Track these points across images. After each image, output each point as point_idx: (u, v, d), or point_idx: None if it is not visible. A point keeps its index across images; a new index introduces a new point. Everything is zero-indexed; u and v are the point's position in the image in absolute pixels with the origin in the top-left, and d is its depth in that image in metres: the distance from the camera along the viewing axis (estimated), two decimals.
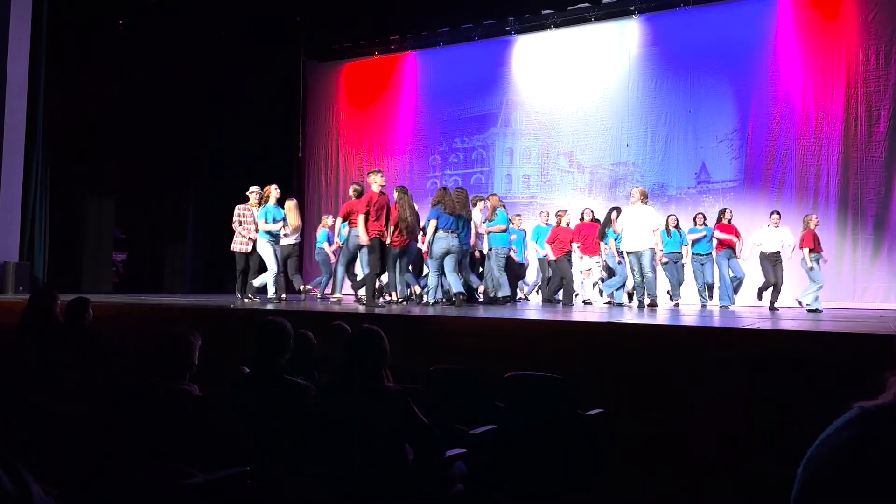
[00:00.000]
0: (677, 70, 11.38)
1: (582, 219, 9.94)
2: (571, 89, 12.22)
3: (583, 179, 12.07)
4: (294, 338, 3.33)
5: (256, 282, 8.87)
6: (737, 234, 9.25)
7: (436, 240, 8.22)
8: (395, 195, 8.49)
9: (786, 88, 10.60)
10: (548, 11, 12.37)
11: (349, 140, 14.35)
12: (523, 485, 3.41)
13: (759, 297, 9.00)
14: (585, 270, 9.85)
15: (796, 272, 8.93)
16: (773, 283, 8.78)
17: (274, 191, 8.82)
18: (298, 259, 9.48)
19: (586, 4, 12.04)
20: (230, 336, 4.95)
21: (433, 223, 8.27)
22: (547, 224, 10.27)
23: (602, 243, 9.46)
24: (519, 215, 10.69)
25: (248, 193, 8.90)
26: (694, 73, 11.23)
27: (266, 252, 8.69)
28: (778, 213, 9.03)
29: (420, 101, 13.68)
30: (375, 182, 8.09)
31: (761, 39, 10.84)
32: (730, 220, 9.28)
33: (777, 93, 10.67)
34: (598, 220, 9.77)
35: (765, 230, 9.00)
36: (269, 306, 7.46)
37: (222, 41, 12.71)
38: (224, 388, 3.20)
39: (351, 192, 9.02)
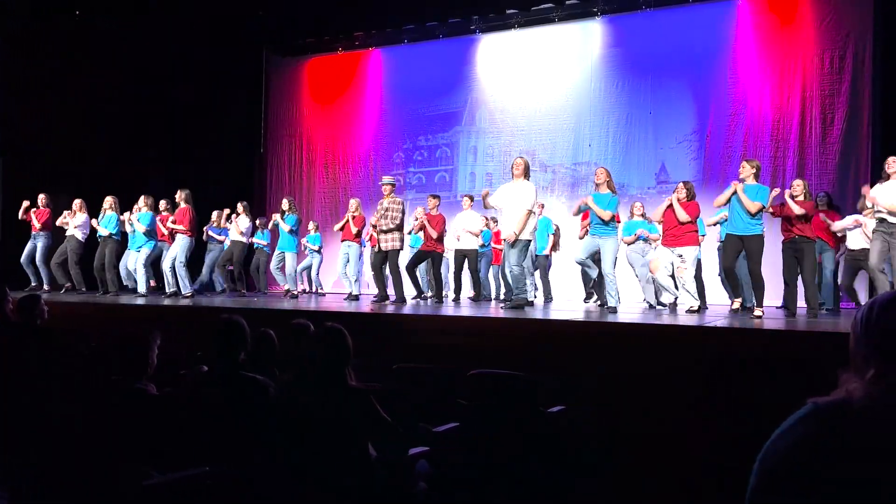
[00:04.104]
0: (639, 72, 11.50)
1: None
2: (535, 89, 12.28)
3: (545, 178, 12.13)
4: (255, 336, 3.29)
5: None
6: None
7: None
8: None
9: (744, 91, 10.80)
10: (512, 11, 12.40)
11: (313, 136, 14.20)
12: (486, 483, 3.42)
13: None
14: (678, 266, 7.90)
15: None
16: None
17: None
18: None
19: (550, 5, 12.10)
20: (189, 335, 4.87)
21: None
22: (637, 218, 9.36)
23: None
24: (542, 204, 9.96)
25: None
26: (655, 75, 11.37)
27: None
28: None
29: (384, 98, 13.61)
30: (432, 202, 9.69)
31: (721, 43, 11.02)
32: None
33: (735, 95, 10.86)
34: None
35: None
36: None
37: (182, 34, 12.46)
38: (182, 387, 3.15)
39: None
